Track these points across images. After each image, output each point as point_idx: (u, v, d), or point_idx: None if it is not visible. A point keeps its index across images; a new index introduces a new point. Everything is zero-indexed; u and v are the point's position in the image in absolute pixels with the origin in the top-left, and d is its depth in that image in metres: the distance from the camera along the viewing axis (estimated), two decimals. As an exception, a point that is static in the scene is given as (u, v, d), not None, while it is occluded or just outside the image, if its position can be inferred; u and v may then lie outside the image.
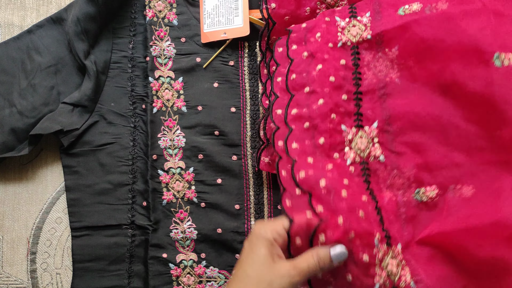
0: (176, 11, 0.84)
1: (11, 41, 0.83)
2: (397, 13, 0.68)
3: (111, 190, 0.81)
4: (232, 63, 0.83)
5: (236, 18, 0.83)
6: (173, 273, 0.79)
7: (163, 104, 0.82)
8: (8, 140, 0.80)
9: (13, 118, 0.80)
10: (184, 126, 0.82)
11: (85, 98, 0.81)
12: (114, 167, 0.81)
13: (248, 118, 0.82)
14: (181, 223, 0.80)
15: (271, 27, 0.78)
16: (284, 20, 0.78)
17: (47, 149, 0.84)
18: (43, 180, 0.84)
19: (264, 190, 0.80)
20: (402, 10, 0.67)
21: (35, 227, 0.83)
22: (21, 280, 0.82)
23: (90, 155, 0.81)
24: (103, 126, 0.82)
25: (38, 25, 0.84)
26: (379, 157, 0.67)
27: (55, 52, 0.83)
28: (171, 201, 0.80)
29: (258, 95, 0.82)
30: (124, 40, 0.84)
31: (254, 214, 0.80)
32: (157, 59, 0.83)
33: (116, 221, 0.80)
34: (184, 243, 0.79)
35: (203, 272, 0.79)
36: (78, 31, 0.80)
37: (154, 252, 0.79)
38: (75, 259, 0.80)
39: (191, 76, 0.83)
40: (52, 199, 0.83)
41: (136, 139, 0.82)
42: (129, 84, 0.84)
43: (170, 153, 0.81)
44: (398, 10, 0.68)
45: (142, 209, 0.80)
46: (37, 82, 0.82)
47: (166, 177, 0.80)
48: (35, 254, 0.82)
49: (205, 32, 0.83)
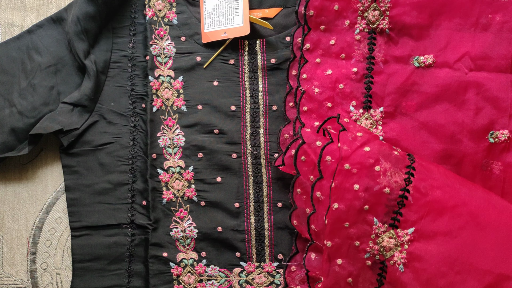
0: (175, 10, 0.84)
1: (11, 41, 0.83)
2: None
3: (111, 189, 0.81)
4: (232, 62, 0.83)
5: (237, 17, 0.83)
6: (174, 272, 0.78)
7: (162, 103, 0.82)
8: (8, 140, 0.80)
9: (13, 118, 0.80)
10: (183, 125, 0.81)
11: (85, 97, 0.81)
12: (114, 167, 0.81)
13: (248, 116, 0.82)
14: (181, 222, 0.79)
15: (306, 32, 0.79)
16: (319, 29, 0.80)
17: (47, 149, 0.84)
18: (43, 180, 0.84)
19: (263, 188, 0.80)
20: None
21: (35, 227, 0.83)
22: (21, 280, 0.82)
23: (89, 154, 0.81)
24: (103, 125, 0.82)
25: (38, 25, 0.84)
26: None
27: (55, 52, 0.83)
28: (171, 200, 0.80)
29: (258, 93, 0.82)
30: (124, 40, 0.84)
31: (254, 212, 0.80)
32: (157, 58, 0.83)
33: (115, 221, 0.80)
34: (184, 242, 0.79)
35: (204, 270, 0.79)
36: (78, 31, 0.81)
37: (155, 251, 0.78)
38: (75, 259, 0.79)
39: (191, 75, 0.83)
40: (52, 199, 0.83)
41: (135, 138, 0.82)
42: (129, 83, 0.84)
43: (169, 152, 0.81)
44: None
45: (142, 208, 0.80)
46: (37, 82, 0.82)
47: (166, 176, 0.80)
48: (35, 254, 0.82)
49: (205, 32, 0.83)
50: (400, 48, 0.79)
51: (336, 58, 0.80)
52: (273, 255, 0.79)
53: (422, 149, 0.76)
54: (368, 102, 0.78)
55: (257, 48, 0.83)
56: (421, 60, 0.78)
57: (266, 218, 0.79)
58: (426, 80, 0.77)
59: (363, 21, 0.79)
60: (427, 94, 0.77)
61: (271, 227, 0.79)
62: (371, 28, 0.79)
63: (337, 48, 0.80)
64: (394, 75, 0.78)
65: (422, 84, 0.77)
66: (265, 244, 0.79)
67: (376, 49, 0.79)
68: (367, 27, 0.79)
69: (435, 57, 0.77)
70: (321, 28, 0.79)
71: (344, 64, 0.79)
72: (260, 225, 0.79)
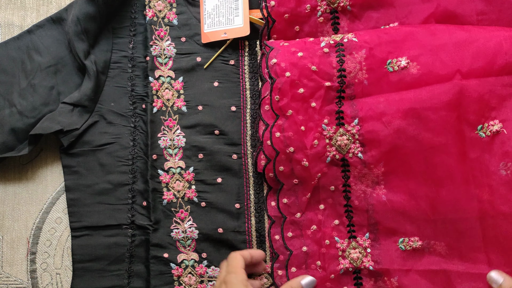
0: (176, 11, 0.84)
1: (11, 41, 0.83)
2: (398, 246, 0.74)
3: (111, 190, 0.81)
4: (232, 62, 0.83)
5: (237, 18, 0.83)
6: (175, 273, 0.79)
7: (163, 104, 0.82)
8: (8, 140, 0.80)
9: (13, 118, 0.80)
10: (184, 126, 0.82)
11: (85, 98, 0.81)
12: (114, 167, 0.81)
13: (248, 117, 0.82)
14: (182, 223, 0.80)
15: (270, 25, 0.78)
16: (284, 18, 0.78)
17: (47, 149, 0.84)
18: (43, 180, 0.84)
19: (264, 189, 0.80)
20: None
21: (35, 227, 0.83)
22: (21, 280, 0.82)
23: (90, 155, 0.81)
24: (103, 126, 0.82)
25: (38, 25, 0.84)
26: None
27: (55, 52, 0.83)
28: (171, 201, 0.80)
29: (258, 94, 0.82)
30: (124, 40, 0.84)
31: (254, 213, 0.80)
32: (157, 59, 0.83)
33: (116, 221, 0.80)
34: (185, 242, 0.79)
35: (205, 271, 0.79)
36: (78, 31, 0.80)
37: (155, 252, 0.79)
38: (75, 259, 0.79)
39: (191, 76, 0.83)
40: (52, 199, 0.83)
41: (136, 139, 0.82)
42: (129, 84, 0.84)
43: (170, 153, 0.81)
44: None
45: (142, 209, 0.80)
46: (37, 82, 0.82)
47: (166, 177, 0.80)
48: (35, 254, 0.82)
49: (205, 32, 0.83)
50: (365, 22, 0.78)
51: (304, 42, 0.78)
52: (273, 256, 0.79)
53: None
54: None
55: (257, 48, 0.83)
56: None
57: (266, 219, 0.80)
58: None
59: (323, 2, 0.78)
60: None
61: (272, 228, 0.80)
62: (332, 8, 0.78)
63: (303, 34, 0.80)
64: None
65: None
66: (266, 245, 0.79)
67: (341, 29, 0.79)
68: (328, 7, 0.78)
69: (400, 25, 0.77)
70: (285, 17, 0.78)
71: (312, 44, 0.78)
72: (261, 226, 0.79)
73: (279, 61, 0.74)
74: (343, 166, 0.75)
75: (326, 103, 0.75)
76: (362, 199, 0.75)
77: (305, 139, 0.74)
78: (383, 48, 0.73)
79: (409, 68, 0.72)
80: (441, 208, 0.71)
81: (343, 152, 0.75)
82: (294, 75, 0.74)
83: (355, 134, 0.74)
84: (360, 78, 0.74)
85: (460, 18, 0.75)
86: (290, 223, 0.76)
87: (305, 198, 0.76)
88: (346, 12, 0.78)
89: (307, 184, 0.76)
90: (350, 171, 0.75)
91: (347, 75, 0.74)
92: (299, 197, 0.76)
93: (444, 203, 0.71)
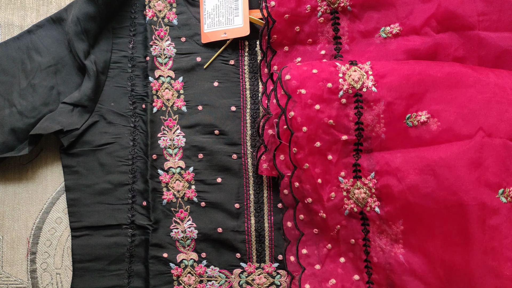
0: (176, 11, 0.84)
1: (11, 41, 0.83)
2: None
3: (111, 190, 0.81)
4: (232, 62, 0.83)
5: (236, 18, 0.83)
6: (174, 272, 0.79)
7: (163, 104, 0.82)
8: (8, 140, 0.80)
9: (13, 118, 0.80)
10: (184, 126, 0.82)
11: (85, 98, 0.81)
12: (114, 167, 0.81)
13: (248, 117, 0.82)
14: (181, 223, 0.80)
15: (271, 25, 0.78)
16: (284, 19, 0.78)
17: (47, 149, 0.84)
18: (43, 180, 0.84)
19: (264, 189, 0.80)
20: None
21: (35, 227, 0.83)
22: (21, 280, 0.82)
23: (90, 155, 0.81)
24: (103, 126, 0.82)
25: (38, 25, 0.84)
26: None
27: (55, 52, 0.83)
28: (171, 201, 0.80)
29: (258, 94, 0.82)
30: (124, 40, 0.84)
31: (254, 213, 0.80)
32: (157, 59, 0.83)
33: (116, 221, 0.80)
34: (184, 242, 0.79)
35: (204, 271, 0.79)
36: (78, 31, 0.80)
37: (155, 252, 0.79)
38: (75, 259, 0.79)
39: (191, 76, 0.83)
40: (52, 199, 0.83)
41: (136, 139, 0.82)
42: (129, 84, 0.84)
43: (170, 153, 0.81)
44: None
45: (142, 209, 0.80)
46: (37, 82, 0.82)
47: (166, 177, 0.80)
48: (35, 254, 0.82)
49: (205, 32, 0.83)
50: (365, 22, 0.78)
51: (304, 44, 0.79)
52: (273, 256, 0.79)
53: None
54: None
55: (257, 48, 0.83)
56: (388, 30, 0.77)
57: (266, 219, 0.80)
58: (394, 48, 0.76)
59: (324, 2, 0.78)
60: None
61: (271, 228, 0.79)
62: (332, 8, 0.78)
63: (303, 34, 0.79)
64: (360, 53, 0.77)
65: (392, 55, 0.76)
66: (265, 245, 0.79)
67: (341, 29, 0.79)
68: (329, 7, 0.78)
69: (401, 25, 0.76)
70: (285, 17, 0.78)
71: (311, 49, 0.78)
72: (260, 226, 0.79)
73: (298, 83, 0.73)
74: (362, 219, 0.74)
75: (343, 155, 0.74)
76: (381, 256, 0.72)
77: (322, 191, 0.73)
78: (403, 102, 0.71)
79: (429, 124, 0.70)
80: (456, 279, 0.67)
81: (361, 205, 0.73)
82: (311, 130, 0.72)
83: (371, 188, 0.72)
84: (378, 131, 0.72)
85: (460, 18, 0.74)
86: (309, 275, 0.74)
87: (326, 250, 0.75)
88: (347, 12, 0.78)
89: (326, 235, 0.75)
90: (370, 225, 0.73)
91: (364, 128, 0.73)
92: (319, 248, 0.75)
93: (459, 274, 0.67)
